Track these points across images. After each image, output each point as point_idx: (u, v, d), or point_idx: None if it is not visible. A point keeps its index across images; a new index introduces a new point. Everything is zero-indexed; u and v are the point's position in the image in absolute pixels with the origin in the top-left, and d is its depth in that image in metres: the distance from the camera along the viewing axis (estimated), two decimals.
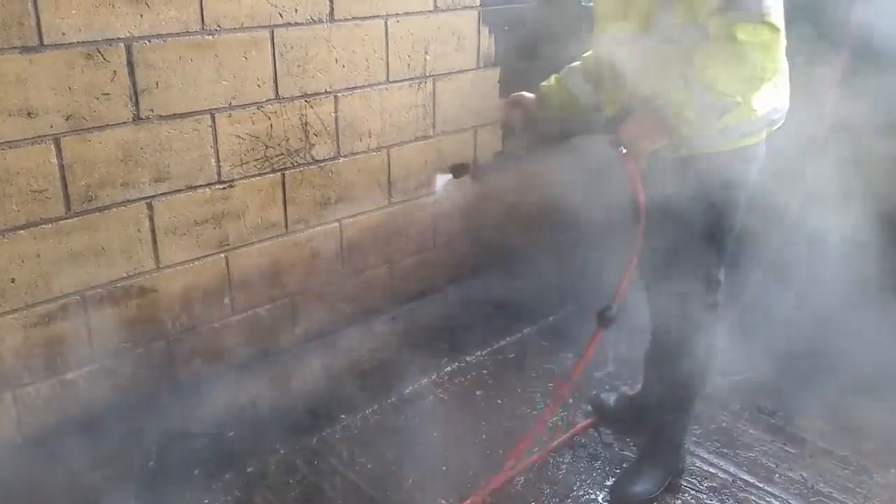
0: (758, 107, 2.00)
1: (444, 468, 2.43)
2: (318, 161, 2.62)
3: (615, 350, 3.07)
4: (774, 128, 2.12)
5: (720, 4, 1.83)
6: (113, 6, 2.05)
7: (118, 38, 2.08)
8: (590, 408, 2.73)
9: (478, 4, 2.86)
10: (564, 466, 2.47)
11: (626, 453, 2.53)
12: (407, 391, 2.79)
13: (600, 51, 2.22)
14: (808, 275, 2.84)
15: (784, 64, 1.99)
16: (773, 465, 2.47)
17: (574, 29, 2.92)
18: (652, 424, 2.42)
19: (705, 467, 2.47)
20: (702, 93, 1.84)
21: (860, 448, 2.53)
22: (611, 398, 2.72)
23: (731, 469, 2.46)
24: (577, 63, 2.39)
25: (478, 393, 2.82)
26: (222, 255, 2.49)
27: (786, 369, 2.80)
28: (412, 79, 2.78)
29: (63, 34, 1.99)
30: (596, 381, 2.89)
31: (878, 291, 2.65)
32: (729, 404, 2.76)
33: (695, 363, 2.25)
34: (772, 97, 2.03)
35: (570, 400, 2.77)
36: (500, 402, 2.78)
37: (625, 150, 1.99)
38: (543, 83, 2.41)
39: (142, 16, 2.10)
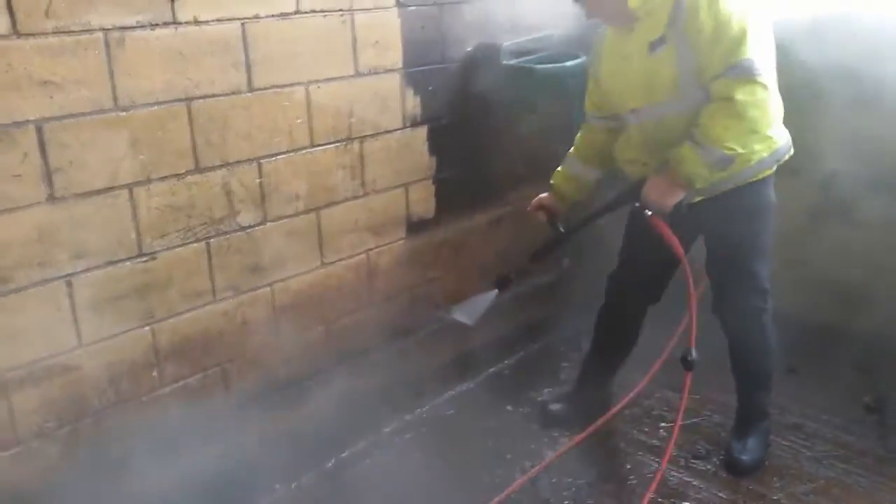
0: (757, 154, 2.27)
1: None
2: (244, 227, 2.62)
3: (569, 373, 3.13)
4: (783, 160, 2.41)
5: (720, 70, 2.14)
6: (20, 90, 2.04)
7: (27, 121, 2.07)
8: (529, 463, 2.73)
9: (400, 67, 2.90)
10: None
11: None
12: (344, 454, 2.76)
13: (632, 123, 2.46)
14: None
15: (778, 113, 2.27)
16: None
17: (497, 87, 3.02)
18: (742, 404, 2.73)
19: None
20: (709, 150, 2.17)
21: (793, 491, 2.55)
22: (556, 406, 2.97)
23: None
24: (571, 150, 2.71)
25: (416, 455, 2.80)
26: (147, 327, 2.46)
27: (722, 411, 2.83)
28: (338, 141, 2.79)
29: None
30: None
31: None
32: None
33: (761, 349, 2.62)
34: (771, 142, 2.30)
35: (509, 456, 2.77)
36: (440, 461, 2.76)
37: (650, 213, 2.31)
38: (552, 180, 2.72)
39: (52, 97, 2.10)
